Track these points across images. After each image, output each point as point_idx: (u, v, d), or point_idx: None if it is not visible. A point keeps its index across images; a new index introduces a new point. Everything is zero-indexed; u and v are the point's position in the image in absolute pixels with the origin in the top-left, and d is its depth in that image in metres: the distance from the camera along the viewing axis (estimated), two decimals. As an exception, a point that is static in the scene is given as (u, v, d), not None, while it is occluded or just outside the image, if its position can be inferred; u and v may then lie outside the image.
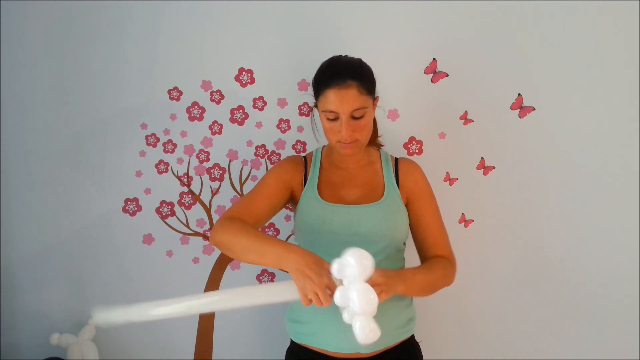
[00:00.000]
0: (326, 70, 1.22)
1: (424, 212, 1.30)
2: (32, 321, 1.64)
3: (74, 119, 1.58)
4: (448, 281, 1.28)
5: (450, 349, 1.66)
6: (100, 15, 1.54)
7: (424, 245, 1.31)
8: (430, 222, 1.30)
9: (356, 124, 1.19)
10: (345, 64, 1.21)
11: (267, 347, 1.65)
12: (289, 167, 1.31)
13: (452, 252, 1.32)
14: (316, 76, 1.23)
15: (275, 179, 1.29)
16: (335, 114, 1.18)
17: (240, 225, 1.17)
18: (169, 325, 1.65)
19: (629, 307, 1.62)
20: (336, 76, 1.17)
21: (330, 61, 1.24)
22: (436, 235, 1.30)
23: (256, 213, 1.25)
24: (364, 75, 1.21)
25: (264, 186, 1.29)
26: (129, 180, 1.60)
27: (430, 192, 1.33)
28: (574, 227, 1.60)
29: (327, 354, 1.21)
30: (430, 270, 1.24)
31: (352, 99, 1.16)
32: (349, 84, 1.16)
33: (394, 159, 1.35)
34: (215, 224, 1.21)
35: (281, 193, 1.28)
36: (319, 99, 1.21)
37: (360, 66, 1.23)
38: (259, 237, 1.14)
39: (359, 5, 1.53)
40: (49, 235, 1.61)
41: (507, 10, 1.53)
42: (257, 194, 1.28)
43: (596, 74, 1.55)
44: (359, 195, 1.28)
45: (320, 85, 1.20)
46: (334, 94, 1.16)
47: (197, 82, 1.57)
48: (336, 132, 1.20)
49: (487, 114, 1.57)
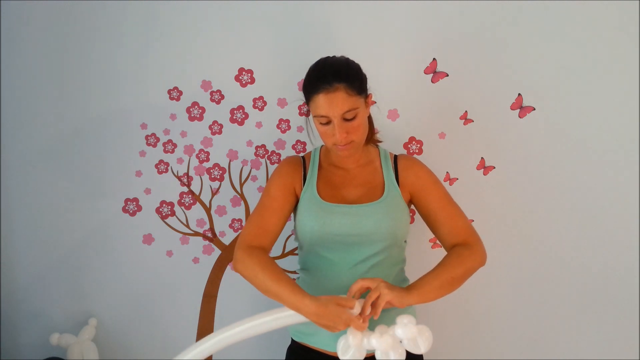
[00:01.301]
0: (312, 75, 1.20)
1: (432, 202, 1.27)
2: (32, 321, 1.64)
3: (74, 118, 1.58)
4: (471, 266, 1.22)
5: (450, 348, 1.66)
6: (100, 15, 1.54)
7: (441, 234, 1.27)
8: (440, 209, 1.26)
9: (349, 126, 1.18)
10: (330, 67, 1.19)
11: (267, 347, 1.65)
12: (288, 170, 1.30)
13: (472, 232, 1.26)
14: (304, 82, 1.22)
15: (279, 189, 1.28)
16: (327, 118, 1.17)
17: (259, 263, 1.17)
18: (169, 325, 1.65)
19: (629, 307, 1.62)
20: (322, 80, 1.16)
21: (316, 65, 1.23)
22: (449, 222, 1.26)
23: (271, 230, 1.25)
24: (351, 75, 1.18)
25: (270, 199, 1.27)
26: (129, 180, 1.60)
27: (434, 181, 1.30)
28: (574, 226, 1.60)
29: (327, 353, 1.21)
30: (443, 268, 1.19)
31: (341, 102, 1.15)
32: (336, 87, 1.15)
33: (393, 156, 1.35)
34: (235, 253, 1.20)
35: (288, 201, 1.28)
36: (309, 105, 1.21)
37: (346, 66, 1.20)
38: (276, 280, 1.14)
39: (359, 6, 1.53)
40: (49, 236, 1.61)
41: (507, 10, 1.53)
42: (266, 210, 1.26)
43: (596, 74, 1.55)
44: (359, 194, 1.27)
45: (309, 92, 1.19)
46: (322, 99, 1.16)
47: (197, 82, 1.57)
48: (330, 135, 1.19)
49: (487, 114, 1.57)
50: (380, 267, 1.21)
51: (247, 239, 1.22)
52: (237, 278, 1.62)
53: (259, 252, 1.20)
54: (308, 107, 1.23)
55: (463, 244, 1.24)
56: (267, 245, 1.24)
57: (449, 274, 1.18)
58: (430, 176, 1.30)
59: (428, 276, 1.18)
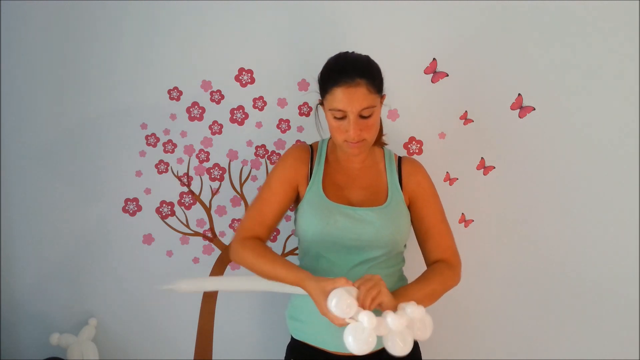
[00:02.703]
0: (334, 67, 1.19)
1: (427, 214, 1.28)
2: (32, 321, 1.64)
3: (74, 118, 1.58)
4: (449, 285, 1.26)
5: (449, 348, 1.66)
6: (100, 15, 1.54)
7: (426, 247, 1.29)
8: (433, 224, 1.28)
9: (364, 123, 1.17)
10: (354, 61, 1.18)
11: (267, 346, 1.65)
12: (293, 163, 1.28)
13: (456, 253, 1.29)
14: (323, 73, 1.20)
15: (279, 181, 1.27)
16: (343, 112, 1.15)
17: (252, 251, 1.20)
18: (169, 325, 1.66)
19: (629, 307, 1.62)
20: (344, 74, 1.14)
21: (337, 57, 1.21)
22: (438, 238, 1.27)
23: (267, 223, 1.26)
24: (373, 73, 1.18)
25: (270, 192, 1.27)
26: (129, 180, 1.60)
27: (433, 193, 1.31)
28: (574, 226, 1.60)
29: (327, 351, 1.21)
30: (427, 281, 1.22)
31: (361, 97, 1.14)
32: (358, 82, 1.13)
33: (398, 157, 1.34)
34: (230, 243, 1.23)
35: (287, 195, 1.27)
36: (325, 97, 1.19)
37: (368, 63, 1.20)
38: (270, 263, 1.17)
39: (359, 6, 1.53)
40: (49, 235, 1.61)
41: (507, 10, 1.53)
42: (264, 202, 1.27)
43: (596, 74, 1.55)
44: (363, 197, 1.26)
45: (328, 83, 1.17)
46: (342, 92, 1.14)
47: (197, 82, 1.57)
48: (343, 131, 1.18)
49: (487, 114, 1.57)
50: (379, 268, 1.21)
51: (243, 232, 1.25)
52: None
53: (252, 242, 1.22)
54: (322, 99, 1.21)
55: (446, 262, 1.26)
56: (263, 236, 1.26)
57: (431, 288, 1.20)
58: (431, 187, 1.31)
59: (413, 287, 1.19)
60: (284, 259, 1.19)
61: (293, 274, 1.14)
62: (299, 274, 1.13)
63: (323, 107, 1.24)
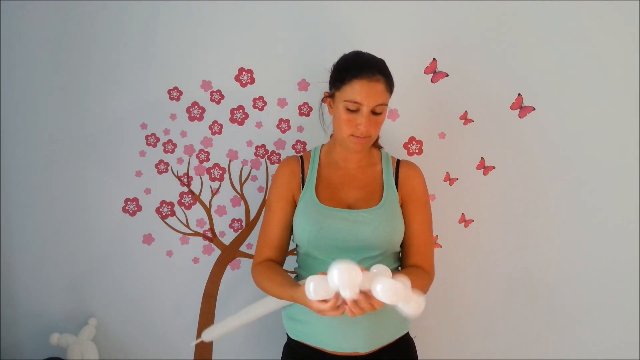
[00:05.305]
0: (355, 60, 1.22)
1: (415, 220, 1.29)
2: (32, 321, 1.64)
3: (74, 118, 1.58)
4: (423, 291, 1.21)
5: (447, 348, 1.66)
6: (100, 15, 1.54)
7: (407, 250, 1.30)
8: (419, 232, 1.29)
9: (374, 120, 1.20)
10: (372, 59, 1.23)
11: (268, 346, 1.65)
12: (284, 180, 1.31)
13: (433, 266, 1.30)
14: (341, 65, 1.23)
15: (276, 201, 1.30)
16: (358, 105, 1.18)
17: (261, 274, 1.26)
18: (169, 325, 1.65)
19: (629, 307, 1.62)
20: (367, 68, 1.18)
21: (354, 54, 1.25)
22: (421, 245, 1.28)
23: (275, 244, 1.30)
24: (389, 74, 1.23)
25: (270, 213, 1.31)
26: (129, 180, 1.60)
27: (425, 201, 1.32)
28: (573, 226, 1.60)
29: (323, 351, 1.22)
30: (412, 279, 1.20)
31: (378, 93, 1.18)
32: (378, 78, 1.18)
33: (396, 160, 1.35)
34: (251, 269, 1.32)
35: (287, 212, 1.30)
36: (342, 88, 1.20)
37: (385, 64, 1.24)
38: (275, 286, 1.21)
39: (359, 6, 1.53)
40: (49, 235, 1.61)
41: (507, 10, 1.53)
42: (268, 225, 1.31)
43: (596, 74, 1.55)
44: (358, 197, 1.27)
45: (347, 74, 1.19)
46: (362, 85, 1.17)
47: (197, 82, 1.57)
48: (353, 124, 1.20)
49: (487, 114, 1.57)
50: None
51: (255, 258, 1.32)
52: (237, 278, 1.63)
53: (262, 266, 1.28)
54: (337, 90, 1.22)
55: (422, 268, 1.27)
56: (275, 257, 1.30)
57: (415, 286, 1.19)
58: (425, 195, 1.32)
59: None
60: (283, 278, 1.21)
61: (287, 293, 1.16)
62: (289, 292, 1.15)
63: (329, 101, 1.25)
